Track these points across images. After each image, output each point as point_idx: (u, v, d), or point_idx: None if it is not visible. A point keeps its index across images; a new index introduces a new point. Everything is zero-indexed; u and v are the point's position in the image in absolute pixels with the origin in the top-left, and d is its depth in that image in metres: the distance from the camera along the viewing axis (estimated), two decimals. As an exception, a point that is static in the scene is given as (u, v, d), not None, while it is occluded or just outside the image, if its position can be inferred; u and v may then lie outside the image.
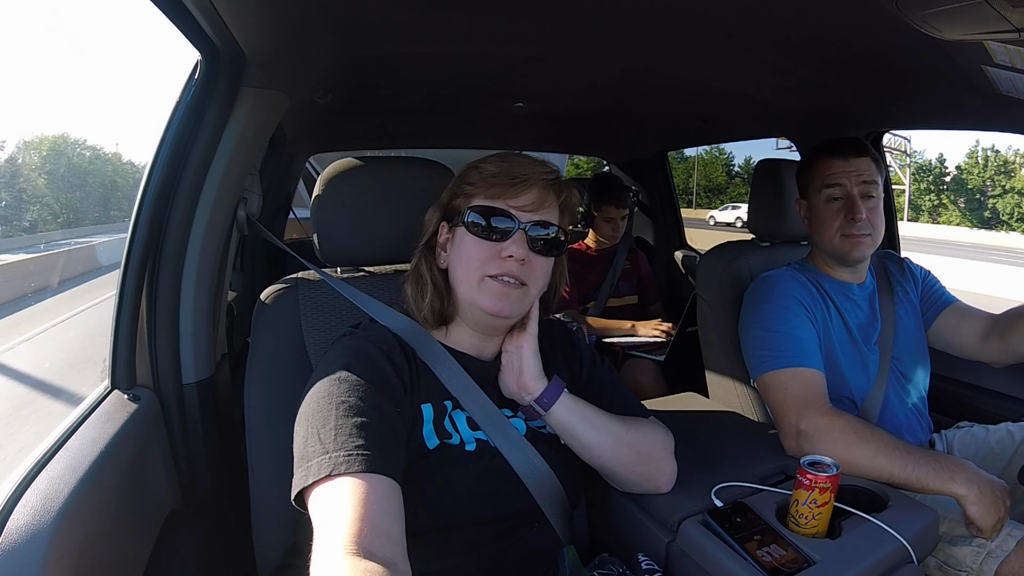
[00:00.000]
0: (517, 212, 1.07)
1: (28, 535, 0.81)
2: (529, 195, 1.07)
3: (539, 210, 1.08)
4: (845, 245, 1.61)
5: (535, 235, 1.07)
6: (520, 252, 1.05)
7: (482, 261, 1.06)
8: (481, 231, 1.07)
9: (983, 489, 1.27)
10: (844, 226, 1.60)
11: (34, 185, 5.87)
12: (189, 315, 1.37)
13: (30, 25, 17.51)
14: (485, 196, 1.08)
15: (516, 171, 1.07)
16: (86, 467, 0.97)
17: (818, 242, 1.68)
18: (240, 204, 1.46)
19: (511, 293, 1.07)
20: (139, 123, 10.13)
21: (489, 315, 1.08)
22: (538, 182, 1.08)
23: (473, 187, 1.10)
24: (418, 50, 1.63)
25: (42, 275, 4.46)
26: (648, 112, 2.75)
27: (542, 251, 1.09)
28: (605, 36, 1.60)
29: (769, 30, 1.46)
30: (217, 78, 1.28)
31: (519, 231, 1.06)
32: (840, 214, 1.60)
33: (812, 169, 1.66)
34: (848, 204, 1.59)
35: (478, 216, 1.07)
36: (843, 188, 1.60)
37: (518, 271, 1.06)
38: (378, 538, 0.78)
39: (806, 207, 1.71)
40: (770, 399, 1.53)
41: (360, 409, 0.93)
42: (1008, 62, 1.26)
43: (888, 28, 1.27)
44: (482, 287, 1.07)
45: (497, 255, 1.06)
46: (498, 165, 1.09)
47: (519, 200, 1.07)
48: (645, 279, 3.38)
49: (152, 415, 1.29)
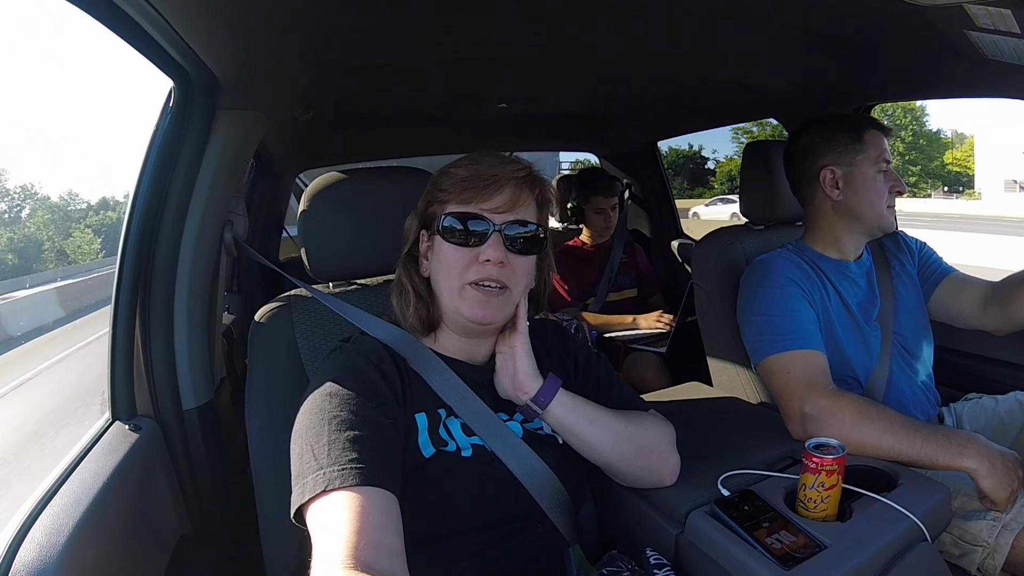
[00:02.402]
0: (490, 214, 1.06)
1: (35, 572, 0.82)
2: (501, 195, 1.06)
3: (513, 209, 1.07)
4: (890, 215, 1.63)
5: (512, 234, 1.06)
6: (497, 255, 1.04)
7: (461, 268, 1.06)
8: (457, 237, 1.06)
9: (994, 462, 1.26)
10: (888, 199, 1.62)
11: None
12: (184, 341, 1.37)
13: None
14: (458, 201, 1.07)
15: (486, 172, 1.06)
16: (90, 500, 0.98)
17: (863, 210, 1.64)
18: (226, 227, 1.46)
19: (492, 300, 1.06)
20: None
21: (472, 322, 1.08)
22: (509, 181, 1.06)
23: (446, 193, 1.09)
24: (394, 59, 1.63)
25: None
26: (634, 104, 2.75)
27: (521, 250, 1.08)
28: (585, 32, 1.59)
29: (748, 12, 1.45)
30: (192, 103, 1.28)
31: (495, 233, 1.05)
32: (887, 187, 1.62)
33: (864, 140, 1.63)
34: (893, 179, 1.62)
35: (453, 221, 1.06)
36: (889, 164, 1.63)
37: (498, 274, 1.05)
38: (376, 551, 0.78)
39: (842, 176, 1.65)
40: (772, 383, 1.52)
41: (352, 423, 0.92)
42: (991, 25, 1.24)
43: (867, 0, 1.26)
44: (463, 295, 1.06)
45: (475, 260, 1.05)
46: (468, 168, 1.08)
47: (492, 202, 1.06)
48: (644, 271, 3.37)
49: (155, 443, 1.29)
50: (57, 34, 31.04)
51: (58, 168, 15.93)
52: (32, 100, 38.45)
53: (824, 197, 1.68)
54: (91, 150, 23.62)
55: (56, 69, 59.00)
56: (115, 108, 42.98)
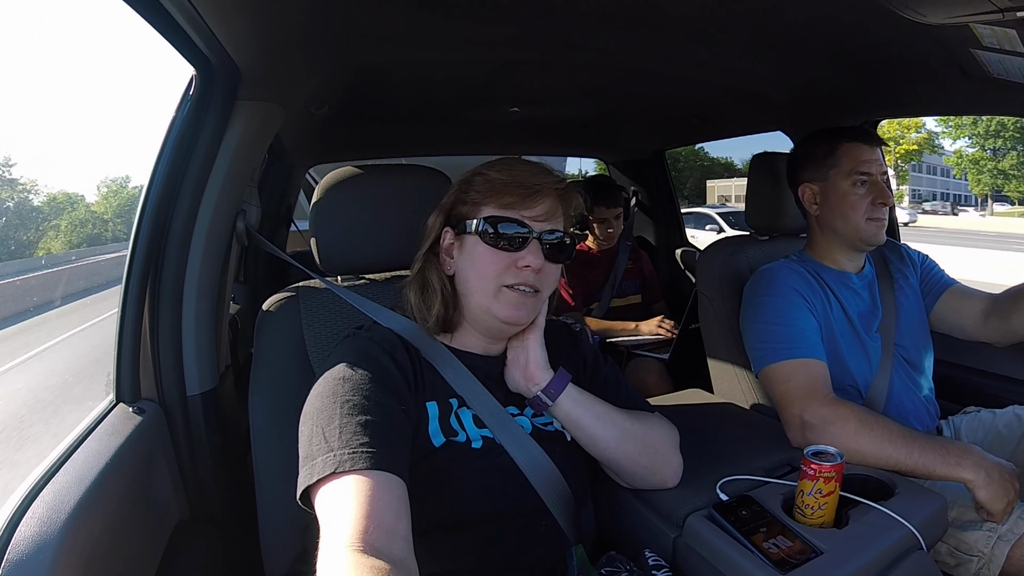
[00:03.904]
0: (531, 222, 1.08)
1: (35, 546, 0.82)
2: (543, 205, 1.08)
3: (551, 219, 1.09)
4: (871, 228, 1.63)
5: (547, 242, 1.09)
6: (537, 262, 1.06)
7: (498, 271, 1.07)
8: (496, 240, 1.08)
9: (991, 473, 1.26)
10: (871, 210, 1.61)
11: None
12: (191, 327, 1.38)
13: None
14: (497, 205, 1.09)
15: (528, 181, 1.08)
16: (92, 479, 0.98)
17: (839, 226, 1.66)
18: (239, 216, 1.47)
19: (527, 301, 1.09)
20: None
21: (504, 323, 1.10)
22: (551, 192, 1.09)
23: (481, 195, 1.10)
24: (410, 58, 1.64)
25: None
26: (644, 112, 2.76)
27: (553, 258, 1.10)
28: (597, 38, 1.61)
29: (758, 24, 1.47)
30: (212, 92, 1.29)
31: (534, 240, 1.07)
32: (867, 199, 1.61)
33: (837, 153, 1.65)
34: (877, 189, 1.62)
35: (492, 226, 1.08)
36: (871, 175, 1.62)
37: (534, 280, 1.08)
38: (384, 535, 0.78)
39: (818, 192, 1.69)
40: (773, 391, 1.53)
41: (364, 407, 0.93)
42: (996, 44, 1.25)
43: (874, 16, 1.27)
44: (499, 297, 1.08)
45: (513, 264, 1.07)
46: (507, 174, 1.09)
47: (534, 210, 1.08)
48: (648, 278, 3.37)
49: (157, 427, 1.30)
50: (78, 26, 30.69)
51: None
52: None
53: (808, 212, 1.72)
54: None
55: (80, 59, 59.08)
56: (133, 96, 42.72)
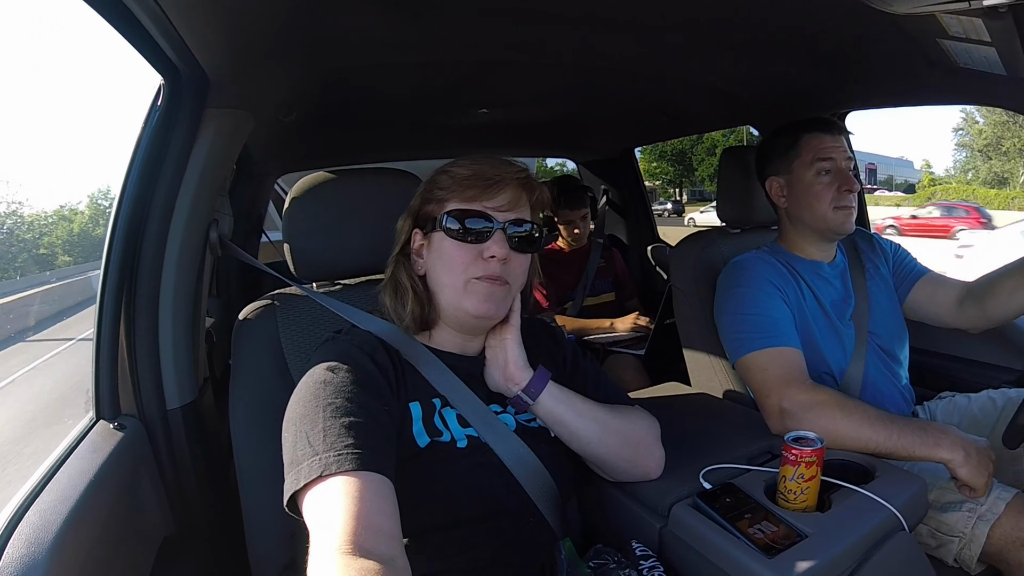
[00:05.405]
0: (494, 212, 1.08)
1: (24, 567, 0.81)
2: (504, 195, 1.08)
3: (514, 209, 1.09)
4: (839, 217, 1.65)
5: (512, 233, 1.09)
6: (502, 252, 1.06)
7: (465, 264, 1.08)
8: (460, 234, 1.08)
9: (968, 451, 1.29)
10: (837, 198, 1.64)
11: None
12: (169, 339, 1.36)
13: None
14: (460, 199, 1.09)
15: (489, 172, 1.08)
16: (76, 497, 0.97)
17: (806, 217, 1.69)
18: (212, 226, 1.46)
19: (496, 292, 1.08)
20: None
21: (475, 317, 1.09)
22: (512, 181, 1.09)
23: (446, 191, 1.11)
24: (379, 62, 1.63)
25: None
26: (613, 111, 2.77)
27: (520, 248, 1.10)
28: (566, 38, 1.61)
29: (723, 21, 1.47)
30: (181, 101, 1.28)
31: (499, 231, 1.07)
32: (832, 187, 1.64)
33: (799, 145, 1.68)
34: (841, 177, 1.64)
35: (455, 219, 1.08)
36: (834, 163, 1.65)
37: (500, 271, 1.08)
38: (374, 536, 0.78)
39: (784, 184, 1.73)
40: (751, 380, 1.55)
41: (347, 409, 0.93)
42: (962, 33, 1.27)
43: (840, 7, 1.29)
44: (468, 289, 1.08)
45: (479, 256, 1.07)
46: (469, 168, 1.10)
47: (495, 200, 1.08)
48: (621, 276, 3.40)
49: (139, 442, 1.28)
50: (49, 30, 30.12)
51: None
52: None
53: (777, 205, 1.76)
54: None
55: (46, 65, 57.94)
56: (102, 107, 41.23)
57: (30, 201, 18.98)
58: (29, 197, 22.06)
